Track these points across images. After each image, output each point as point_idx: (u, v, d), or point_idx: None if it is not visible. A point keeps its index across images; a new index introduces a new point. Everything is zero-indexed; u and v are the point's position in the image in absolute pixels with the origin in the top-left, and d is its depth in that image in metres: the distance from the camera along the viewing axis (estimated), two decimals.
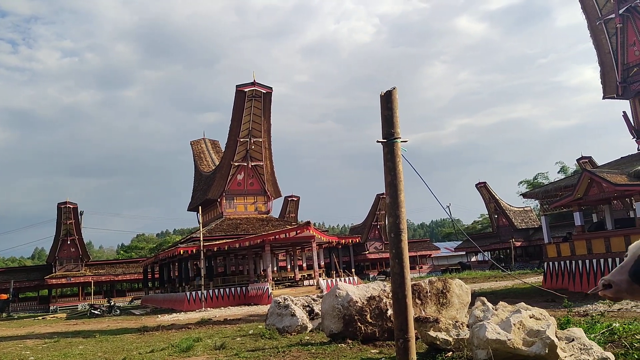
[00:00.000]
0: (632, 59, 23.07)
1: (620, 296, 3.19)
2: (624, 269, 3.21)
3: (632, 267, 3.19)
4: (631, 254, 3.28)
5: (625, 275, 3.18)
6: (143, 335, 15.96)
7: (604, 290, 3.21)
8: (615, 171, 20.53)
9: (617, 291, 3.17)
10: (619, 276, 3.19)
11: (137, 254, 76.42)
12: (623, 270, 3.21)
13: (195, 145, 48.73)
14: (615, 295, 3.19)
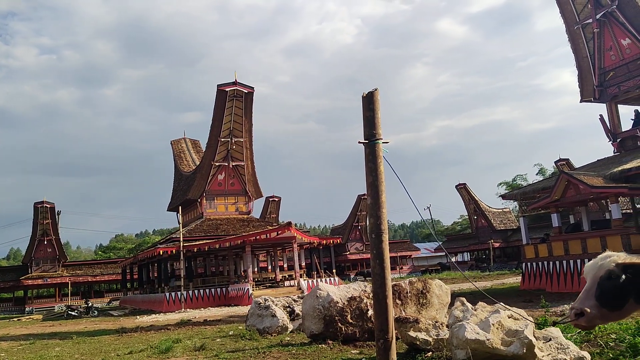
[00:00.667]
0: (608, 63, 23.48)
1: (593, 323, 3.21)
2: (590, 293, 3.22)
3: (596, 290, 3.19)
4: (591, 277, 3.27)
5: (592, 300, 3.17)
6: (121, 336, 15.77)
7: (576, 320, 3.20)
8: (592, 173, 20.87)
9: (590, 319, 3.15)
10: (587, 302, 3.18)
11: (116, 254, 75.59)
12: (589, 295, 3.21)
13: (175, 145, 48.34)
14: (588, 323, 3.18)
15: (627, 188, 19.29)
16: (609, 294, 3.18)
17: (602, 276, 3.23)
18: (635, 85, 22.47)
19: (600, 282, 3.21)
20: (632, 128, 23.13)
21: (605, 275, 3.22)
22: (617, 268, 3.20)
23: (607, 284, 3.19)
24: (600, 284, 3.21)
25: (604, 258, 3.31)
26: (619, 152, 23.36)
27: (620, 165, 20.73)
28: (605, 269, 3.24)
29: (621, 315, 3.29)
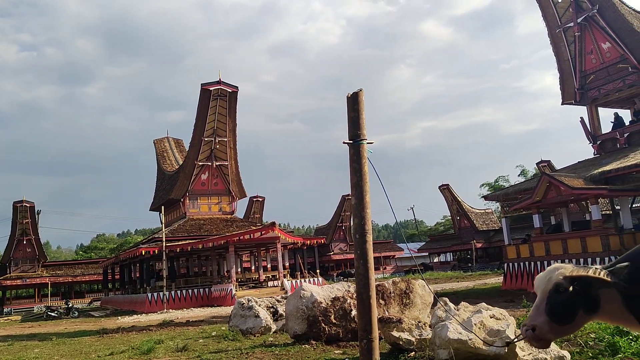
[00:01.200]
0: (589, 66, 23.82)
1: (546, 338, 3.17)
2: (540, 309, 3.18)
3: (546, 306, 3.16)
4: (540, 292, 3.24)
5: (543, 316, 3.15)
6: (102, 337, 15.59)
7: (529, 337, 3.16)
8: (572, 175, 21.15)
9: (541, 335, 3.13)
10: (538, 318, 3.16)
11: (97, 254, 74.77)
12: (540, 310, 3.18)
13: (158, 144, 47.94)
14: (540, 340, 3.15)
15: (606, 189, 19.59)
16: (558, 308, 3.16)
17: (550, 290, 3.20)
18: (614, 89, 22.82)
19: (549, 296, 3.19)
20: (612, 130, 23.49)
21: (553, 289, 3.19)
22: (565, 281, 3.16)
23: (555, 298, 3.17)
24: (549, 299, 3.19)
25: (552, 271, 3.28)
26: (599, 154, 23.70)
27: (600, 167, 21.03)
28: (553, 283, 3.20)
29: (573, 328, 3.26)
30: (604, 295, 3.22)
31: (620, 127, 23.14)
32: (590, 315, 3.22)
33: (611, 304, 3.23)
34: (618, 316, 3.32)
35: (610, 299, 3.23)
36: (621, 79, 22.47)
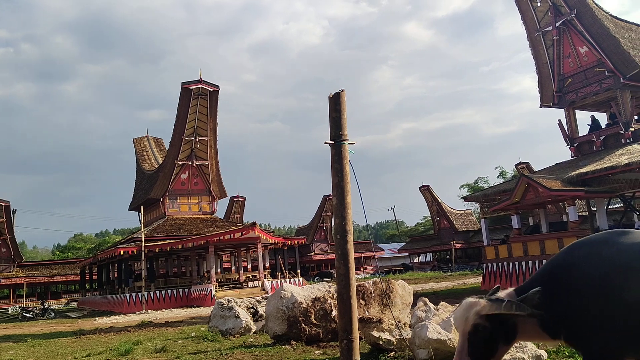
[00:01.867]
0: (567, 69, 24.19)
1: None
2: (463, 353, 3.24)
3: (468, 349, 3.21)
4: (460, 334, 3.30)
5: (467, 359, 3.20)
6: (79, 338, 15.37)
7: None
8: (550, 177, 21.45)
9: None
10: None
11: (74, 254, 73.67)
12: (463, 355, 3.23)
13: (137, 143, 47.44)
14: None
15: (583, 191, 19.91)
16: (480, 348, 3.20)
17: (470, 332, 3.23)
18: (591, 92, 23.21)
19: (470, 338, 3.23)
20: (589, 133, 23.89)
21: (472, 331, 3.23)
22: (482, 320, 3.20)
23: (476, 339, 3.21)
24: (470, 341, 3.23)
25: (467, 309, 3.30)
26: (576, 156, 24.08)
27: (577, 169, 21.38)
28: (471, 324, 3.23)
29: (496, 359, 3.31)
30: (521, 321, 3.28)
31: (596, 130, 23.55)
32: (510, 343, 3.33)
33: (528, 327, 3.31)
34: (535, 336, 3.44)
35: (527, 323, 3.30)
36: (598, 83, 22.86)
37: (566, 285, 3.23)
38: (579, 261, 3.25)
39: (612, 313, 3.08)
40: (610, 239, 3.31)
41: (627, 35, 22.60)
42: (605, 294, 3.10)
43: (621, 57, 21.74)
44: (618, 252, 3.16)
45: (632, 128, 21.89)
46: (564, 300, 3.20)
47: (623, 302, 3.05)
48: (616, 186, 20.23)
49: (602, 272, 3.13)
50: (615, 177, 20.18)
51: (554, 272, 3.35)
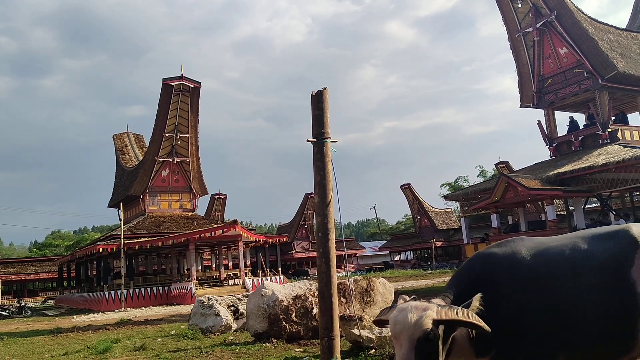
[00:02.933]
0: (547, 70, 24.49)
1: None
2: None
3: (415, 357, 2.86)
4: (406, 340, 2.91)
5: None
6: (56, 337, 15.15)
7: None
8: (529, 176, 21.71)
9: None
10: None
11: (52, 251, 72.60)
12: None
13: (117, 139, 46.90)
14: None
15: (561, 190, 20.21)
16: (430, 356, 2.87)
17: (419, 338, 2.87)
18: (571, 93, 23.54)
19: (418, 345, 2.86)
20: (567, 133, 24.22)
21: (423, 337, 2.87)
22: (434, 326, 2.88)
23: (426, 347, 2.87)
24: (417, 349, 2.85)
25: (413, 311, 2.95)
26: (555, 156, 24.40)
27: (555, 168, 21.67)
28: (422, 330, 2.87)
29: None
30: (458, 334, 3.06)
31: (575, 131, 23.89)
32: (449, 354, 3.02)
33: (459, 342, 3.10)
34: (460, 354, 3.13)
35: (460, 337, 3.09)
36: (577, 84, 23.19)
37: (498, 296, 3.09)
38: (507, 270, 3.18)
39: (546, 318, 3.09)
40: (526, 247, 3.29)
41: (606, 37, 22.95)
42: (538, 300, 3.10)
43: (599, 58, 22.07)
44: (542, 260, 3.20)
45: (609, 129, 22.25)
46: (500, 311, 3.03)
47: (554, 306, 3.10)
48: (593, 186, 20.56)
49: (535, 279, 3.14)
50: (592, 177, 20.51)
51: (476, 283, 3.15)
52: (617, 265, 3.19)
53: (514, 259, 3.22)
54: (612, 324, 3.15)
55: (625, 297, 3.15)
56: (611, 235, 3.37)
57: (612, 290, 3.14)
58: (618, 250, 3.26)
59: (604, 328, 3.15)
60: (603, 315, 3.14)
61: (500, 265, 3.22)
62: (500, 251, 3.31)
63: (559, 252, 3.26)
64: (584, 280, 3.15)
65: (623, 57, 22.56)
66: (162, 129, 36.63)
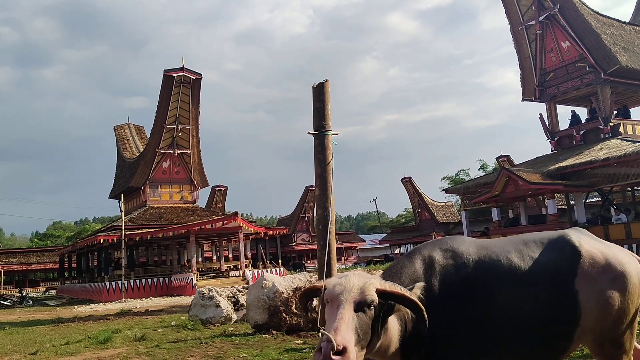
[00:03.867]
0: (549, 64, 24.41)
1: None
2: (348, 324, 2.61)
3: (354, 321, 2.62)
4: (346, 302, 2.68)
5: (350, 335, 2.59)
6: (58, 326, 15.22)
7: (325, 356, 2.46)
8: (530, 170, 21.69)
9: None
10: (348, 335, 2.57)
11: (53, 242, 72.77)
12: (348, 326, 2.61)
13: (118, 131, 46.85)
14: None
15: (562, 185, 20.20)
16: (365, 328, 2.65)
17: (359, 301, 2.68)
18: (573, 87, 23.47)
19: (357, 308, 2.66)
20: (569, 127, 24.18)
21: (362, 302, 2.68)
22: (377, 294, 2.71)
23: (363, 315, 2.66)
24: (357, 313, 2.65)
25: (364, 279, 2.79)
26: (556, 150, 24.37)
27: (557, 162, 21.65)
28: (363, 295, 2.69)
29: (364, 357, 2.75)
30: (391, 324, 2.89)
31: (576, 125, 23.85)
32: (380, 341, 2.78)
33: (391, 331, 2.89)
34: (387, 349, 2.89)
35: (394, 327, 2.91)
36: (579, 78, 23.12)
37: (433, 299, 2.94)
38: (446, 274, 3.05)
39: (481, 327, 3.00)
40: (468, 251, 3.17)
41: (609, 31, 22.85)
42: (475, 307, 3.01)
43: (602, 52, 22.00)
44: (484, 266, 3.10)
45: (611, 123, 22.20)
46: (433, 314, 2.84)
47: (491, 315, 3.02)
48: (594, 180, 20.54)
49: (474, 285, 3.04)
50: (593, 171, 20.48)
51: (414, 282, 2.99)
52: (560, 275, 3.14)
53: (456, 262, 3.10)
54: (551, 333, 3.10)
55: (566, 307, 3.11)
56: (553, 244, 3.29)
57: (555, 300, 3.08)
58: (561, 259, 3.20)
59: (541, 337, 3.09)
60: (542, 324, 3.08)
61: (441, 267, 3.08)
62: (441, 253, 3.15)
63: (502, 259, 3.14)
64: (526, 289, 3.07)
65: (626, 51, 22.47)
66: (163, 121, 36.58)
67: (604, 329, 3.19)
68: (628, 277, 3.23)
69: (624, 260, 3.31)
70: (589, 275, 3.17)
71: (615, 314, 3.16)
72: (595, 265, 3.21)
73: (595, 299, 3.14)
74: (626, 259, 3.34)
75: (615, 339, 3.24)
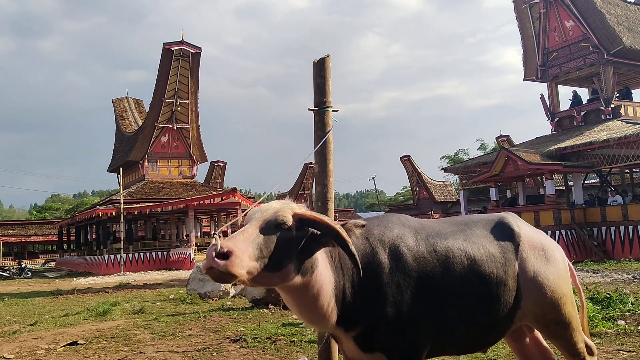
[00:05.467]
0: (552, 44, 24.19)
1: (234, 273, 2.34)
2: (248, 236, 2.46)
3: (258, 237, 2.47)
4: (257, 219, 2.58)
5: (249, 247, 2.42)
6: (57, 298, 15.35)
7: (214, 262, 2.31)
8: (530, 150, 21.68)
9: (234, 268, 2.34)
10: (242, 244, 2.41)
11: (52, 214, 72.97)
12: (247, 237, 2.45)
13: (117, 104, 46.57)
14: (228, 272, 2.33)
15: (561, 166, 20.21)
16: (271, 246, 2.47)
17: (270, 221, 2.54)
18: (575, 67, 23.31)
19: (265, 227, 2.51)
20: (570, 108, 24.10)
21: (273, 221, 2.54)
22: (293, 219, 2.59)
23: (273, 234, 2.50)
24: (263, 230, 2.50)
25: (281, 203, 2.67)
26: (556, 130, 24.32)
27: (556, 143, 21.62)
28: (276, 215, 2.56)
29: (270, 280, 2.56)
30: (321, 262, 2.72)
31: (577, 105, 23.76)
32: (300, 276, 2.58)
33: (320, 274, 2.69)
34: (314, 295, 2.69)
35: (323, 270, 2.72)
36: (582, 58, 22.95)
37: (381, 280, 2.82)
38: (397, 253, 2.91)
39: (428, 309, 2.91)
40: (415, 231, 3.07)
41: (613, 10, 22.61)
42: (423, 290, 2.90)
43: (606, 32, 21.79)
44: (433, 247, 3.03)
45: (612, 104, 22.12)
46: (380, 293, 2.80)
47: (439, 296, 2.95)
48: (594, 161, 20.56)
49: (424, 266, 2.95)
50: (593, 152, 20.48)
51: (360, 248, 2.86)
52: (502, 258, 3.16)
53: (404, 240, 2.99)
54: (495, 314, 3.10)
55: (509, 289, 3.13)
56: (495, 227, 3.31)
57: (498, 281, 3.09)
58: (503, 242, 3.22)
59: (487, 319, 3.10)
60: (488, 305, 3.08)
61: (391, 246, 2.94)
62: (390, 230, 3.03)
63: (449, 238, 3.11)
64: (471, 270, 3.04)
65: (630, 31, 22.27)
66: (162, 95, 36.34)
67: (545, 311, 3.26)
68: (559, 261, 3.37)
69: (553, 245, 3.44)
70: (528, 258, 3.24)
71: (551, 295, 3.23)
72: (533, 249, 3.29)
73: (533, 281, 3.21)
74: (554, 245, 3.47)
75: (558, 319, 3.30)
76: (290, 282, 2.60)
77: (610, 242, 19.35)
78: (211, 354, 6.77)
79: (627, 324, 6.99)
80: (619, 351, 5.80)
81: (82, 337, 8.35)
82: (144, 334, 8.38)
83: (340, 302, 2.77)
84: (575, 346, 3.41)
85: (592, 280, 12.53)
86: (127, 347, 7.44)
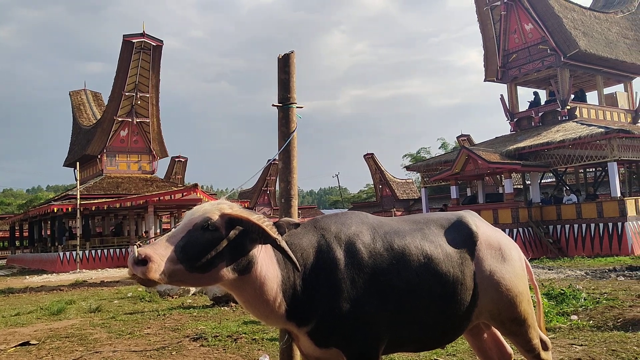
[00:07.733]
0: (512, 45, 24.73)
1: (154, 278, 2.41)
2: (173, 240, 2.53)
3: (182, 239, 2.53)
4: (184, 222, 2.64)
5: (170, 251, 2.48)
6: (8, 297, 14.81)
7: (134, 269, 2.40)
8: (490, 150, 22.11)
9: (153, 272, 2.40)
10: (161, 249, 2.47)
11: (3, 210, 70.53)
12: (172, 241, 2.53)
13: (74, 96, 45.24)
14: (148, 277, 2.40)
15: (520, 165, 20.71)
16: (196, 248, 2.50)
17: (196, 223, 2.57)
18: (534, 69, 23.89)
19: (192, 230, 2.55)
20: (528, 109, 24.69)
21: (200, 223, 2.57)
22: (221, 219, 2.62)
23: (199, 236, 2.53)
24: (190, 232, 2.54)
25: (211, 204, 2.71)
26: (515, 130, 24.89)
27: (515, 143, 22.13)
28: (203, 217, 2.59)
29: (200, 281, 2.63)
30: (262, 259, 2.75)
31: (536, 106, 24.36)
32: (237, 273, 2.62)
33: (262, 270, 2.72)
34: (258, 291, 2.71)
35: (267, 267, 2.75)
36: (540, 60, 23.54)
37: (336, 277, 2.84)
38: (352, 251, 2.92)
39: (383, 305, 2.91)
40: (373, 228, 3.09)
41: (570, 15, 23.26)
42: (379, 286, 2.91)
43: (563, 36, 22.41)
44: (390, 245, 3.04)
45: (568, 106, 22.77)
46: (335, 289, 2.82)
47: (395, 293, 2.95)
48: (550, 161, 21.13)
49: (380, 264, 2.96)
50: (550, 152, 21.05)
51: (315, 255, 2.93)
52: (460, 256, 3.19)
53: (361, 237, 3.00)
54: (452, 312, 3.13)
55: (466, 287, 3.16)
56: (452, 225, 3.34)
57: (455, 279, 3.12)
58: (460, 241, 3.25)
59: (443, 316, 3.12)
60: (445, 303, 3.10)
61: (347, 243, 2.96)
62: (346, 227, 3.06)
63: (407, 236, 3.13)
64: (428, 268, 3.06)
65: (585, 35, 22.96)
66: (122, 88, 35.51)
67: (501, 309, 3.30)
68: (516, 260, 3.41)
69: (510, 244, 3.47)
70: (484, 258, 3.27)
71: (507, 293, 3.27)
72: (490, 248, 3.32)
73: (490, 280, 3.24)
74: (512, 243, 3.51)
75: (514, 317, 3.34)
76: (225, 280, 2.63)
77: (565, 240, 19.94)
78: (170, 352, 6.64)
79: (580, 319, 7.20)
80: (572, 345, 5.95)
81: (34, 337, 8.07)
82: (100, 333, 8.16)
83: (289, 297, 2.78)
84: (531, 342, 3.46)
85: (547, 276, 12.86)
86: (82, 347, 7.22)
